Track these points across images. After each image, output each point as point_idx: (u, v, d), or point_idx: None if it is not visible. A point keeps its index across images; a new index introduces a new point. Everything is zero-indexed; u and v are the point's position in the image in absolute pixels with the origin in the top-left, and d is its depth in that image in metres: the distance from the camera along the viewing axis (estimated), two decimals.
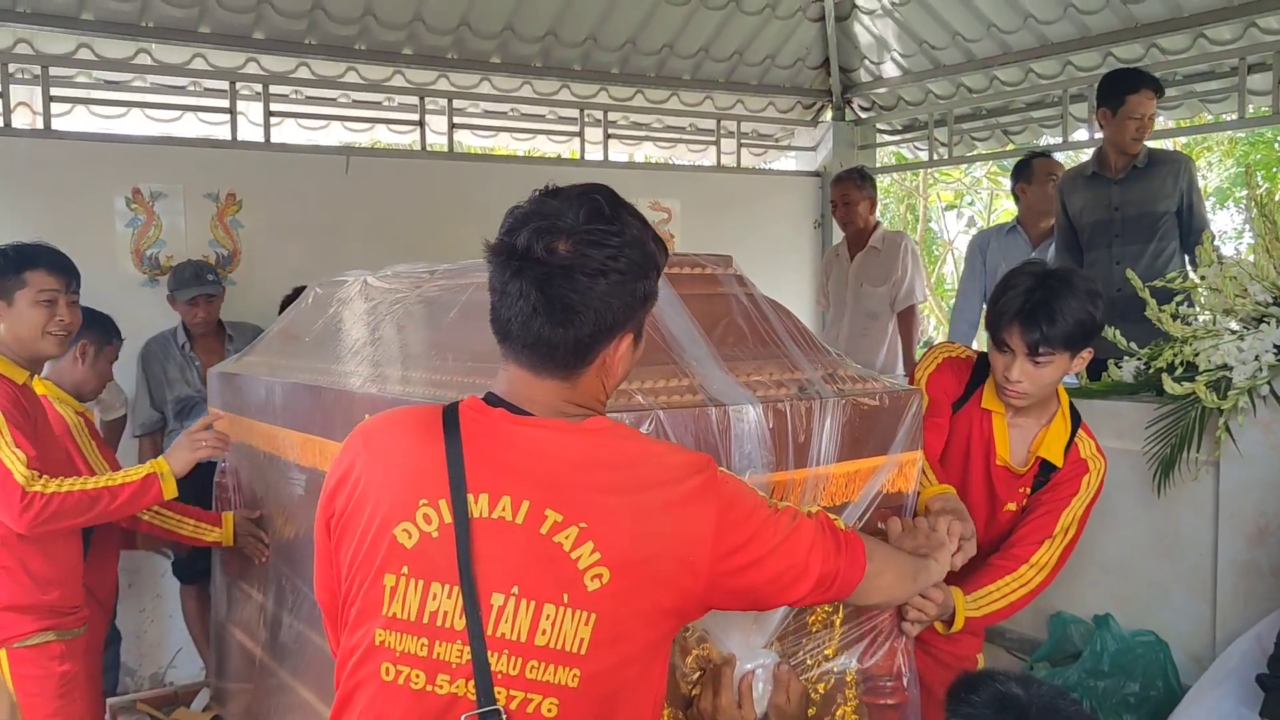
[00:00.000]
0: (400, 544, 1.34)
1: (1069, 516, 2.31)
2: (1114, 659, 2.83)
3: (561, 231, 1.32)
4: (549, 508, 1.31)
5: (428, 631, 1.32)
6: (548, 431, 1.36)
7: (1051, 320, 2.13)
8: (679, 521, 1.34)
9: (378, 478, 1.39)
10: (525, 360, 1.38)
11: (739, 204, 6.58)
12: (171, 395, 4.36)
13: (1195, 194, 4.00)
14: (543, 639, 1.30)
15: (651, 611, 1.34)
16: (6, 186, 4.62)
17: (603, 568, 1.30)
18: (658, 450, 1.41)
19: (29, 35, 4.82)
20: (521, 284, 1.33)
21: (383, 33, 5.43)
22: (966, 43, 6.04)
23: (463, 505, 1.33)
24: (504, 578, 1.31)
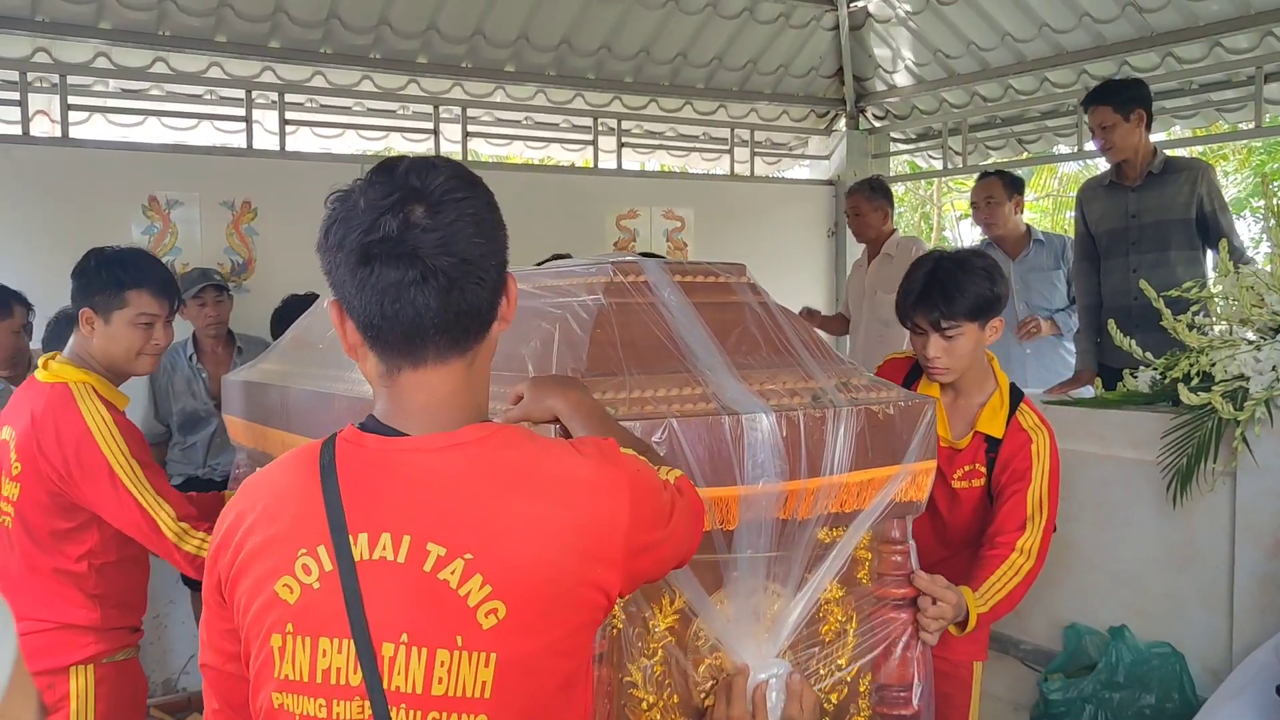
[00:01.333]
0: (283, 600, 1.20)
1: (1035, 496, 2.33)
2: (1129, 670, 2.81)
3: (428, 198, 1.19)
4: (431, 540, 1.17)
5: (323, 691, 1.18)
6: (422, 454, 1.22)
7: (948, 296, 2.31)
8: (586, 523, 1.21)
9: (260, 531, 1.24)
10: (432, 352, 1.22)
11: (752, 213, 6.59)
12: (176, 408, 4.34)
13: (1216, 199, 3.96)
14: (440, 688, 1.16)
15: (564, 638, 1.21)
16: (26, 194, 4.65)
17: (496, 602, 1.16)
18: (549, 451, 1.26)
19: (47, 44, 4.87)
20: (408, 269, 1.17)
21: (397, 42, 5.46)
22: (981, 51, 6.04)
23: (345, 549, 1.18)
24: (392, 625, 1.17)
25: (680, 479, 1.40)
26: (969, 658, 2.40)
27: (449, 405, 1.25)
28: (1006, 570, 2.25)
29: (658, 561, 1.33)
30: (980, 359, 2.41)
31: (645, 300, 1.79)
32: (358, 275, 1.19)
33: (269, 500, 1.26)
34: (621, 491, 1.24)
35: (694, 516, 1.39)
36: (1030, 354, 4.85)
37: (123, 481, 2.37)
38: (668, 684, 1.66)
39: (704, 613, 1.67)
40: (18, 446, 2.39)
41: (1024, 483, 2.33)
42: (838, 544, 1.78)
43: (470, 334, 1.24)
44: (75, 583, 2.43)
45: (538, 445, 1.26)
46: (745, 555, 1.67)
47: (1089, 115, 4.03)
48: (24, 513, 2.41)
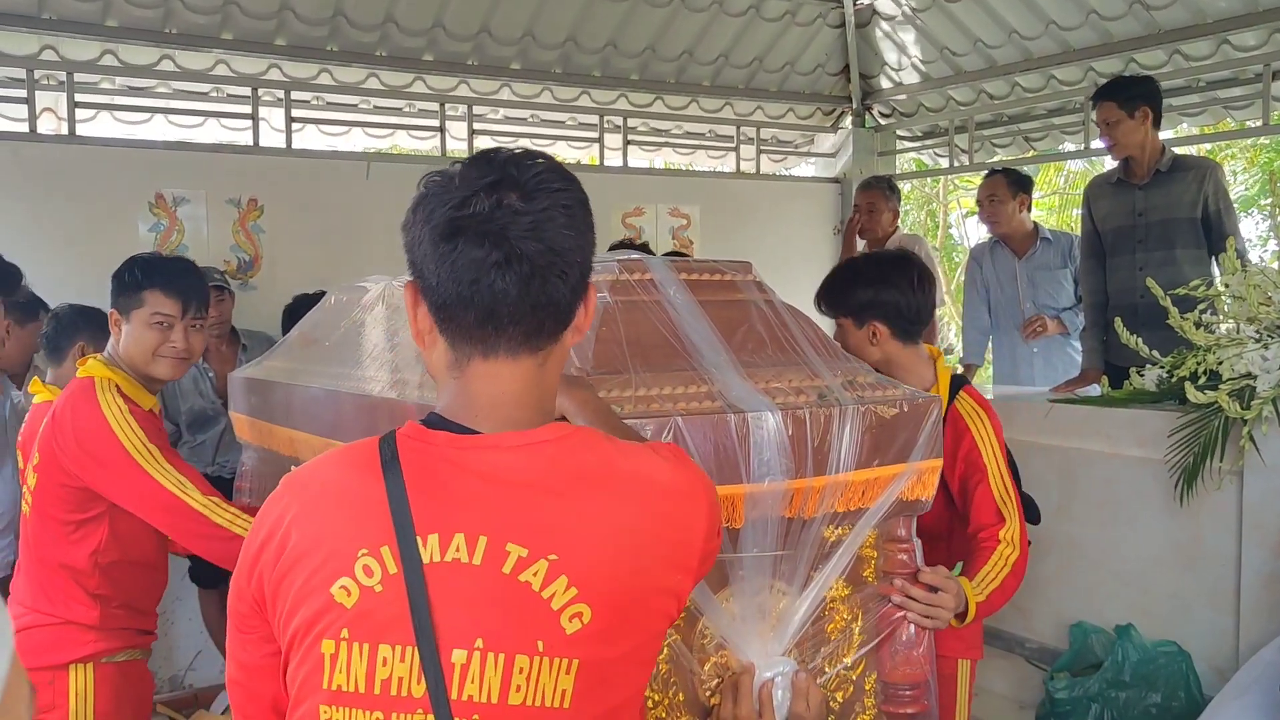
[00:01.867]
0: (339, 603, 1.12)
1: (997, 486, 2.34)
2: (1135, 669, 2.81)
3: (525, 186, 1.15)
4: (510, 541, 1.12)
5: (380, 703, 1.11)
6: (498, 452, 1.16)
7: (824, 291, 2.55)
8: (668, 529, 1.19)
9: (310, 531, 1.17)
10: (507, 343, 1.17)
11: (758, 210, 6.58)
12: (184, 407, 4.34)
13: (1222, 199, 3.96)
14: (518, 697, 1.10)
15: (645, 646, 1.18)
16: (33, 192, 4.66)
17: (581, 605, 1.11)
18: (628, 454, 1.22)
19: (54, 42, 4.87)
20: (493, 250, 1.13)
21: (404, 39, 5.46)
22: (987, 49, 6.03)
23: (412, 550, 1.12)
24: (465, 630, 1.11)
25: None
26: (953, 654, 2.39)
27: (519, 403, 1.20)
28: (996, 560, 2.25)
29: (711, 566, 1.32)
30: (906, 357, 2.43)
31: (651, 298, 1.79)
32: (440, 249, 1.15)
33: (320, 499, 1.20)
34: (700, 496, 1.24)
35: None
36: (1037, 352, 4.84)
37: (142, 466, 2.38)
38: (673, 682, 1.66)
39: (710, 611, 1.67)
40: (41, 435, 2.45)
41: (981, 474, 2.35)
42: (843, 542, 1.78)
43: (545, 331, 1.19)
44: (78, 579, 2.44)
45: (616, 447, 1.23)
46: (751, 554, 1.68)
47: (1095, 111, 4.04)
48: (39, 501, 2.45)
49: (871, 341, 2.41)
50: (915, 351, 2.44)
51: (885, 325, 2.40)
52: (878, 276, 2.44)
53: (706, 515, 1.24)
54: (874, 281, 2.43)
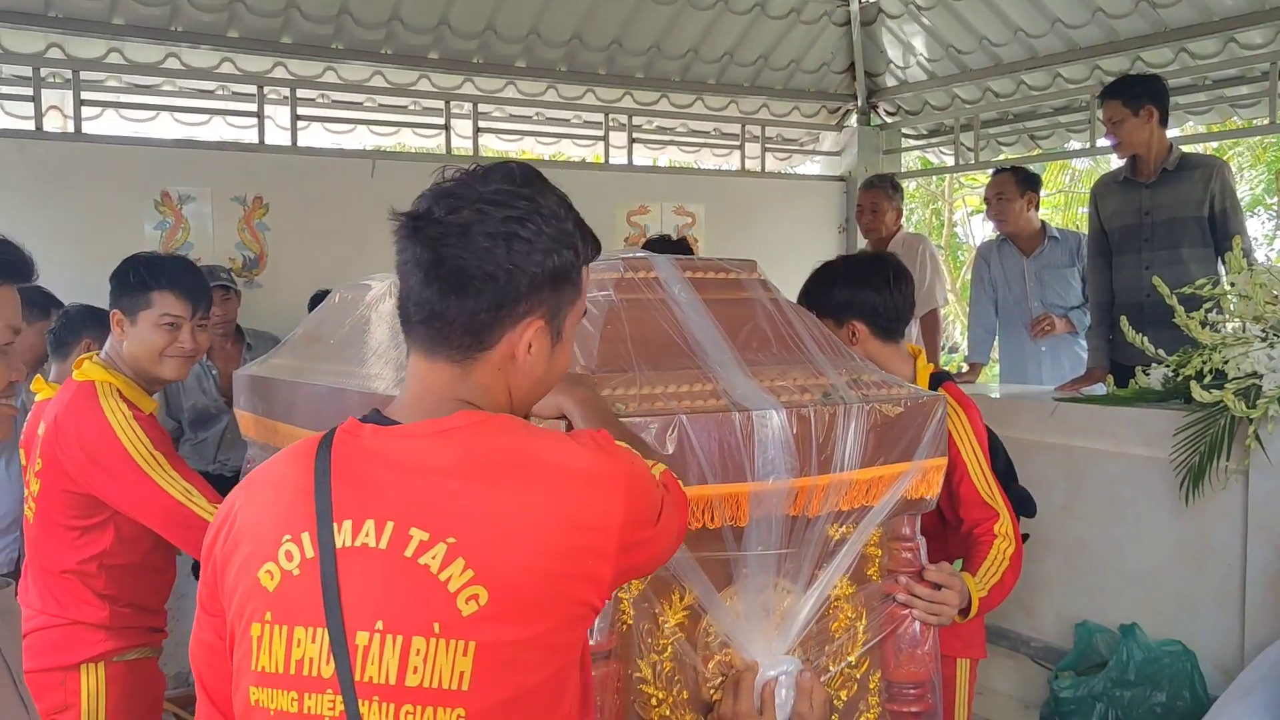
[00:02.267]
0: (263, 587, 1.17)
1: (980, 481, 2.33)
2: (1140, 669, 2.81)
3: (465, 198, 1.21)
4: (414, 526, 1.14)
5: (295, 683, 1.14)
6: (412, 440, 1.20)
7: (805, 292, 2.54)
8: (581, 514, 1.18)
9: (250, 519, 1.23)
10: (419, 340, 1.25)
11: (763, 209, 6.58)
12: (187, 404, 4.35)
13: (1229, 198, 3.95)
14: (415, 678, 1.12)
15: (555, 631, 1.17)
16: (39, 189, 4.68)
17: (478, 587, 1.12)
18: (544, 440, 1.23)
19: (60, 40, 4.89)
20: (416, 249, 1.21)
21: (409, 37, 5.46)
22: (993, 47, 6.02)
23: (328, 535, 1.16)
24: (368, 613, 1.13)
25: (665, 474, 1.38)
26: (951, 653, 2.37)
27: (439, 397, 1.24)
28: (995, 555, 2.25)
29: (648, 558, 1.32)
30: (885, 355, 2.42)
31: (656, 296, 1.79)
32: (396, 248, 1.26)
33: (263, 488, 1.26)
34: (617, 485, 1.22)
35: (680, 513, 1.38)
36: (1044, 351, 4.83)
37: (148, 474, 2.36)
38: (677, 680, 1.66)
39: (714, 609, 1.67)
40: (42, 441, 2.42)
41: (961, 470, 2.33)
42: (848, 541, 1.78)
43: (453, 343, 1.23)
44: (85, 581, 2.43)
45: (531, 434, 1.24)
46: (755, 552, 1.67)
47: (1101, 110, 4.03)
48: (43, 507, 2.42)
49: (851, 341, 2.42)
50: (895, 350, 2.46)
51: (864, 324, 2.43)
52: (854, 277, 2.47)
53: (623, 502, 1.21)
54: (851, 282, 2.46)
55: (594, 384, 1.58)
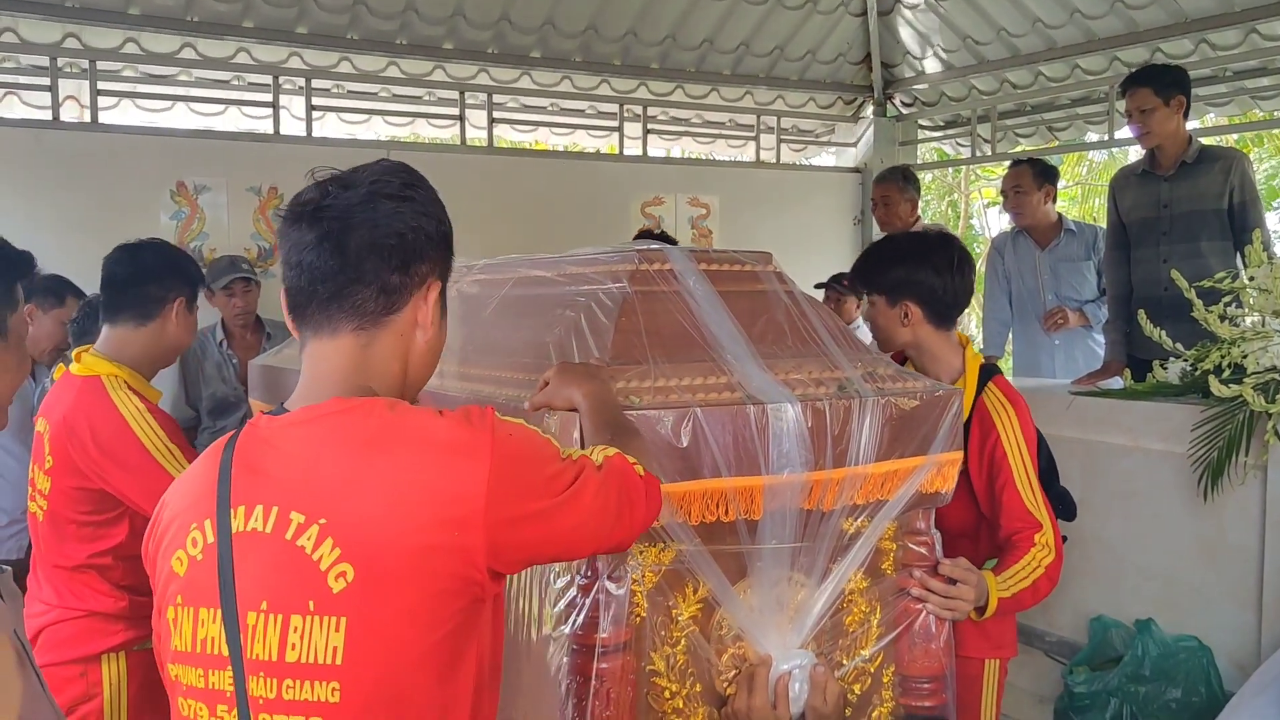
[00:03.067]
0: (175, 572, 1.26)
1: (1025, 486, 2.26)
2: (1155, 664, 2.79)
3: (353, 180, 1.30)
4: (293, 509, 1.21)
5: (201, 661, 1.22)
6: (293, 426, 1.27)
7: (861, 265, 2.47)
8: (441, 484, 1.20)
9: (169, 509, 1.33)
10: (321, 321, 1.30)
11: (778, 200, 6.56)
12: (207, 393, 4.37)
13: (1248, 190, 3.91)
14: (293, 654, 1.18)
15: (420, 605, 1.19)
16: (55, 179, 4.69)
17: (345, 564, 1.17)
18: (408, 417, 1.26)
19: (77, 30, 4.90)
20: (320, 228, 1.27)
21: (424, 27, 5.46)
22: (1011, 38, 5.97)
23: (225, 521, 1.23)
24: (256, 594, 1.20)
25: (613, 457, 1.35)
26: (979, 654, 2.34)
27: (330, 380, 1.29)
28: (1029, 561, 2.19)
29: (552, 537, 1.28)
30: (935, 342, 2.35)
31: (670, 288, 1.78)
32: (279, 238, 1.33)
33: (182, 483, 1.34)
34: (480, 453, 1.22)
35: (623, 494, 1.33)
36: (1058, 345, 4.81)
37: (164, 467, 2.36)
38: (691, 673, 1.66)
39: (728, 602, 1.66)
40: (51, 439, 2.39)
41: (1006, 475, 2.26)
42: (862, 534, 1.77)
43: (366, 310, 1.29)
44: (102, 574, 2.42)
45: (397, 413, 1.26)
46: (769, 545, 1.67)
47: (1128, 98, 3.96)
48: (54, 505, 2.41)
49: (903, 322, 2.33)
50: (946, 337, 2.37)
51: (919, 306, 2.32)
52: (917, 255, 2.34)
53: (488, 471, 1.21)
54: (912, 259, 2.33)
55: (608, 377, 1.58)
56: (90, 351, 2.49)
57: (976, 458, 2.29)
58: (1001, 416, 2.30)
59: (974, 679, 2.34)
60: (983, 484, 2.30)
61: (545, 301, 1.91)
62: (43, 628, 2.42)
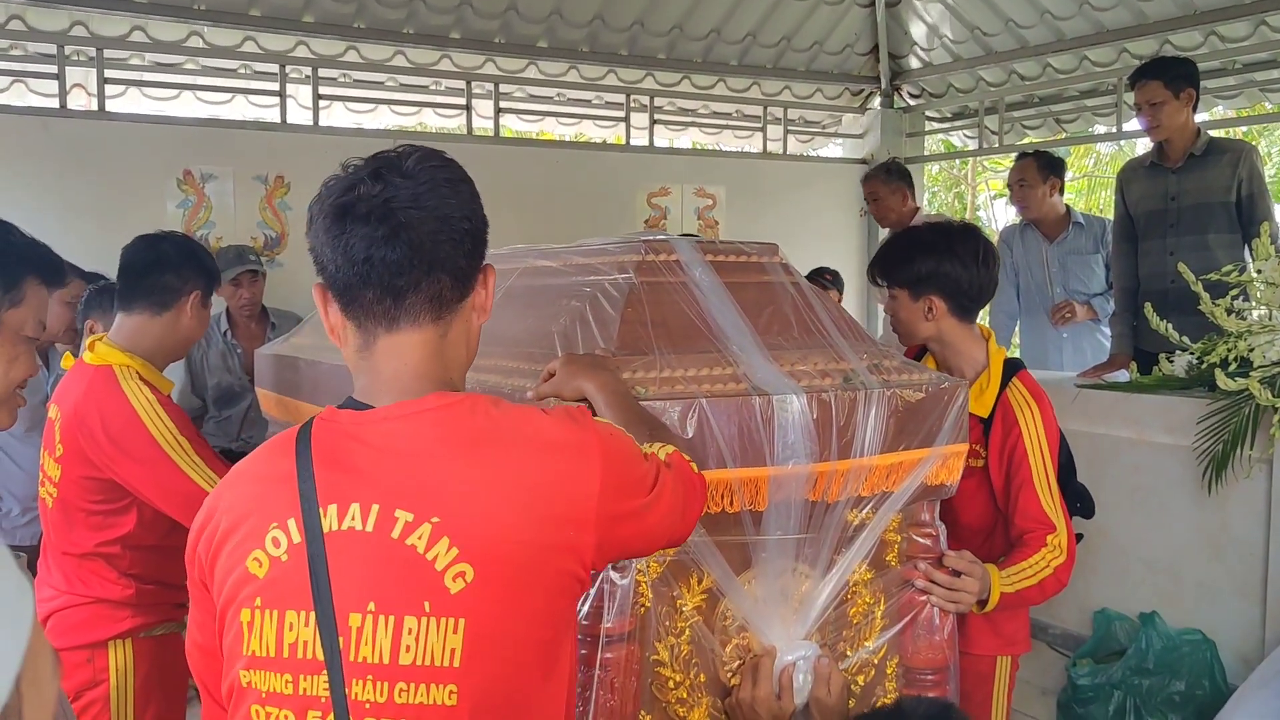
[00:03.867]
0: (252, 574, 1.20)
1: (1042, 485, 2.24)
2: (1159, 657, 2.79)
3: (398, 169, 1.23)
4: (399, 508, 1.17)
5: (289, 666, 1.17)
6: (389, 422, 1.22)
7: (881, 259, 2.41)
8: (556, 483, 1.21)
9: (234, 511, 1.25)
10: (394, 312, 1.24)
11: (785, 191, 6.55)
12: (212, 382, 4.39)
13: (1256, 183, 3.89)
14: (407, 657, 1.14)
15: (537, 607, 1.19)
16: (63, 167, 4.70)
17: (464, 564, 1.15)
18: (514, 415, 1.25)
19: (84, 18, 4.90)
20: (381, 225, 1.20)
21: (431, 17, 5.45)
22: (1019, 29, 5.95)
23: (314, 520, 1.18)
24: (359, 595, 1.16)
25: (673, 454, 1.38)
26: (991, 651, 2.34)
27: (417, 374, 1.25)
28: (1039, 560, 2.17)
29: (641, 534, 1.31)
30: (959, 335, 2.32)
31: (676, 279, 1.79)
32: (333, 234, 1.23)
33: (246, 482, 1.28)
34: (591, 453, 1.23)
35: (688, 493, 1.37)
36: (1066, 338, 4.80)
37: (174, 460, 2.35)
38: (695, 663, 1.66)
39: (732, 593, 1.67)
40: (62, 428, 2.39)
41: (1025, 475, 2.24)
42: (867, 526, 1.77)
43: (444, 299, 1.25)
44: (110, 562, 2.43)
45: (502, 409, 1.25)
46: (774, 536, 1.67)
47: (1136, 91, 3.94)
48: (64, 493, 2.42)
49: (926, 316, 2.29)
50: (969, 331, 2.33)
51: (943, 300, 2.27)
52: (942, 247, 2.28)
53: (600, 471, 1.23)
54: (937, 252, 2.27)
55: (615, 367, 1.58)
56: (103, 340, 2.49)
57: (997, 454, 2.28)
58: (1025, 414, 2.27)
59: (985, 676, 2.33)
60: (1001, 480, 2.29)
61: (551, 292, 1.91)
62: (51, 613, 2.43)
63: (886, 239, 2.44)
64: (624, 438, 1.31)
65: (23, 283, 1.61)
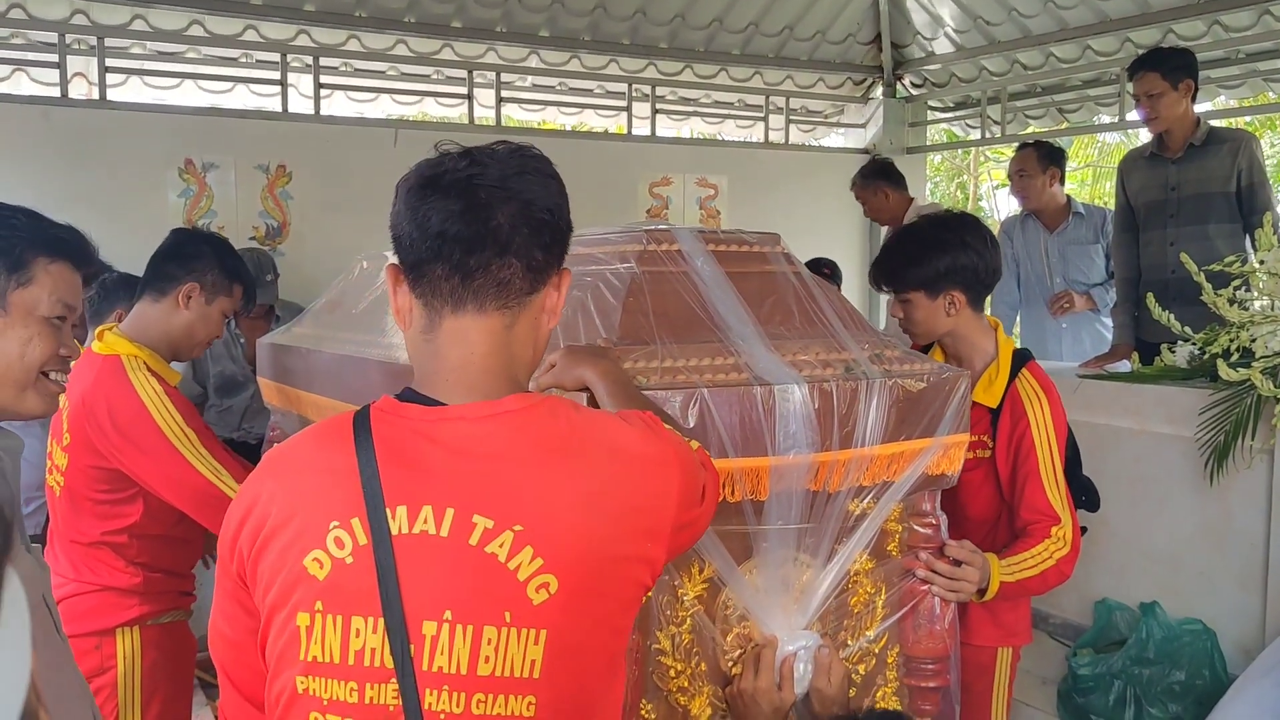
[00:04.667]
0: (311, 576, 1.13)
1: (1049, 477, 2.24)
2: (1159, 647, 2.80)
3: (489, 153, 1.20)
4: (477, 513, 1.12)
5: (355, 674, 1.12)
6: (465, 423, 1.17)
7: (894, 264, 2.33)
8: (637, 496, 1.19)
9: (285, 505, 1.17)
10: (462, 292, 1.19)
11: (787, 181, 6.54)
12: (214, 370, 4.39)
13: (1257, 173, 3.89)
14: (486, 667, 1.11)
15: (617, 614, 1.18)
16: (64, 156, 4.70)
17: (548, 575, 1.12)
18: (595, 422, 1.23)
19: (85, 6, 4.89)
20: (460, 200, 1.17)
21: (432, 6, 5.44)
22: (1022, 18, 5.93)
23: (381, 522, 1.13)
24: (434, 602, 1.11)
25: (700, 450, 1.38)
26: (993, 642, 2.34)
27: (485, 369, 1.20)
28: (1041, 551, 2.17)
29: (693, 536, 1.34)
30: (972, 327, 2.31)
31: (678, 269, 1.79)
32: (412, 206, 1.19)
33: (295, 473, 1.21)
34: (671, 466, 1.23)
35: (716, 489, 1.40)
36: (1065, 328, 4.80)
37: (180, 451, 2.36)
38: (696, 652, 1.67)
39: (733, 582, 1.67)
40: (70, 417, 2.41)
41: (1031, 467, 2.24)
42: (868, 516, 1.77)
43: (513, 287, 1.20)
44: (117, 550, 2.45)
45: (583, 416, 1.23)
46: (775, 526, 1.68)
47: (1135, 82, 3.94)
48: (71, 482, 2.43)
49: (948, 312, 2.26)
50: (980, 321, 2.33)
51: (963, 292, 2.25)
52: (953, 241, 2.25)
53: (679, 483, 1.23)
54: (950, 247, 2.25)
55: (617, 357, 1.58)
56: (112, 330, 2.50)
57: (1005, 445, 2.28)
58: (1033, 406, 2.26)
59: (986, 667, 2.34)
60: (1007, 471, 2.28)
61: None
62: (59, 600, 2.44)
63: (884, 243, 2.39)
64: (689, 449, 1.31)
65: (31, 263, 1.60)
